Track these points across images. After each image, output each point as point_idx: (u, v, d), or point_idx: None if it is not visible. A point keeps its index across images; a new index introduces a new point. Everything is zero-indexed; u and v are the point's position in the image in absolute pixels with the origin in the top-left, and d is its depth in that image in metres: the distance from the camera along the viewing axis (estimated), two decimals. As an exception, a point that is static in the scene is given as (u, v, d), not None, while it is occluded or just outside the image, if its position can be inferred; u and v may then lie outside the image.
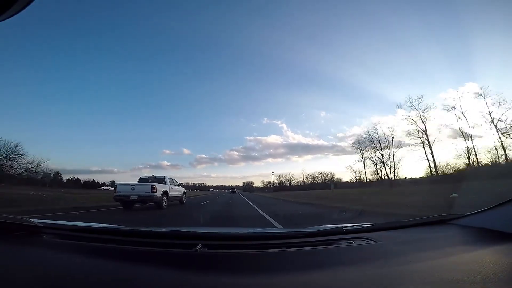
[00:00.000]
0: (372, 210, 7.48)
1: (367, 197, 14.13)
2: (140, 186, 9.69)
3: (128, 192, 9.46)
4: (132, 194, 9.38)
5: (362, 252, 1.03)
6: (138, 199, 9.35)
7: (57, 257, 0.95)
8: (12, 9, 0.66)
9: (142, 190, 9.42)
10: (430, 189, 16.23)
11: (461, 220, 1.34)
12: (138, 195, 9.34)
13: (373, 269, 0.82)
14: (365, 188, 34.44)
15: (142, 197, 9.32)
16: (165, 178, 11.23)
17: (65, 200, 12.79)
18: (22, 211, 7.37)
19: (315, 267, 0.86)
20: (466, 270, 0.77)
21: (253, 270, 0.84)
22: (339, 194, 20.62)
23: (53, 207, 9.32)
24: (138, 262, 0.88)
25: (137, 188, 9.55)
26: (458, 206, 6.29)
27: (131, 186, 9.66)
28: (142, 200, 9.44)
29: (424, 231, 1.33)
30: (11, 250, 1.02)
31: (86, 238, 1.20)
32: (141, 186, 9.72)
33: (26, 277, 0.78)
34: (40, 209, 8.22)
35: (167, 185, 10.87)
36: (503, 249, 0.95)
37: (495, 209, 1.19)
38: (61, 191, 22.85)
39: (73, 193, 20.46)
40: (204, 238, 1.14)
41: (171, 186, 11.21)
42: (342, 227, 1.32)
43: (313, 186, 67.53)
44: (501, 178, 13.92)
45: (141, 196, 9.31)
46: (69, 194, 17.56)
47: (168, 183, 11.06)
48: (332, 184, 43.26)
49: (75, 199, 14.00)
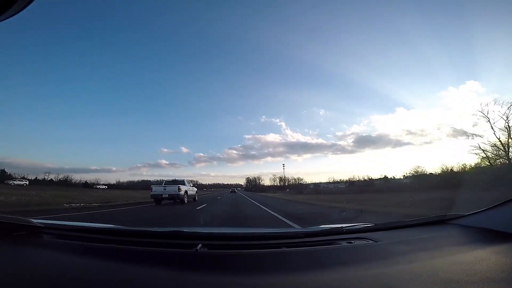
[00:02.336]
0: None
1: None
2: (169, 187, 12.94)
3: (161, 191, 12.80)
4: (164, 193, 12.70)
5: (362, 252, 1.03)
6: (168, 197, 12.63)
7: (57, 257, 0.95)
8: (12, 9, 0.66)
9: (171, 190, 12.70)
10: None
11: (461, 220, 1.34)
12: (168, 193, 12.64)
13: (373, 269, 0.82)
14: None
15: (171, 195, 12.60)
16: (184, 181, 14.38)
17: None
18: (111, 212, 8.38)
19: (315, 267, 0.86)
20: (466, 270, 0.77)
21: (253, 270, 0.84)
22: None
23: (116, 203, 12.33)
24: (138, 262, 0.88)
25: (167, 189, 12.83)
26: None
27: (163, 187, 13.00)
28: (170, 197, 12.64)
29: (424, 231, 1.33)
30: (12, 250, 1.02)
31: (86, 238, 1.20)
32: (170, 186, 12.97)
33: (26, 277, 0.78)
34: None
35: (186, 186, 14.00)
36: (503, 249, 0.95)
37: (495, 209, 1.19)
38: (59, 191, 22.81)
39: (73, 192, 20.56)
40: (204, 238, 1.14)
41: (188, 187, 14.39)
42: (342, 227, 1.32)
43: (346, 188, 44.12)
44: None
45: (170, 194, 12.60)
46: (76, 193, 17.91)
47: (187, 184, 14.26)
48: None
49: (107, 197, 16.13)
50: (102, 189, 46.06)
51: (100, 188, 53.97)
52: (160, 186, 13.32)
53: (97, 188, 50.41)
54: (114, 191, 37.10)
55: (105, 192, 28.08)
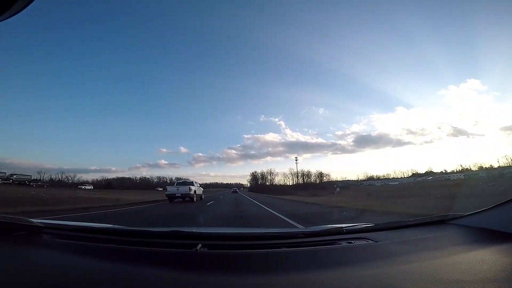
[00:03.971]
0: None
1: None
2: (181, 187, 15.17)
3: (175, 191, 14.94)
4: (177, 192, 14.85)
5: (362, 252, 1.03)
6: (180, 196, 14.80)
7: (57, 257, 0.95)
8: (12, 9, 0.66)
9: (183, 190, 14.89)
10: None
11: (461, 220, 1.34)
12: (181, 193, 14.81)
13: (373, 269, 0.82)
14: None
15: (183, 194, 14.80)
16: (193, 182, 16.88)
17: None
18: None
19: (315, 267, 0.86)
20: (466, 270, 0.77)
21: (253, 270, 0.84)
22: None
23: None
24: (138, 262, 0.88)
25: (180, 189, 15.01)
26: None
27: (176, 187, 15.19)
28: (182, 196, 14.82)
29: (424, 231, 1.33)
30: (12, 250, 1.02)
31: (86, 238, 1.20)
32: (182, 187, 15.20)
33: (27, 277, 0.78)
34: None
35: (195, 186, 16.36)
36: (503, 249, 0.95)
37: (495, 209, 1.19)
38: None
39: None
40: (204, 238, 1.14)
41: (196, 187, 16.71)
42: (342, 227, 1.32)
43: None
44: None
45: (182, 194, 14.79)
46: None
47: (195, 185, 16.61)
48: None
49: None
50: (87, 190, 38.95)
51: (85, 188, 47.88)
52: (174, 186, 15.54)
53: (80, 189, 42.42)
54: (104, 192, 29.68)
55: (89, 193, 22.39)
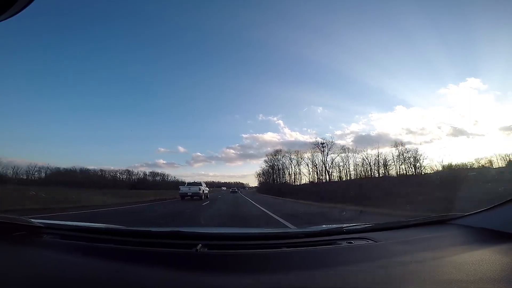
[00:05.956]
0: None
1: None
2: (192, 187, 18.12)
3: (186, 191, 17.96)
4: (188, 192, 17.79)
5: (362, 252, 1.03)
6: (192, 195, 17.60)
7: (57, 257, 0.95)
8: (12, 9, 0.66)
9: (194, 190, 17.83)
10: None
11: (461, 220, 1.34)
12: (192, 192, 17.74)
13: (373, 269, 0.82)
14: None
15: (194, 194, 17.64)
16: (201, 182, 19.59)
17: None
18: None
19: (315, 267, 0.86)
20: (466, 270, 0.77)
21: (253, 270, 0.84)
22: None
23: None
24: (138, 262, 0.88)
25: (191, 189, 17.94)
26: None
27: (188, 188, 18.23)
28: (193, 195, 17.58)
29: (424, 231, 1.33)
30: (12, 250, 1.02)
31: (86, 238, 1.20)
32: (193, 187, 18.13)
33: (27, 277, 0.78)
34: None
35: (203, 186, 19.26)
36: (503, 249, 0.95)
37: (495, 209, 1.19)
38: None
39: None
40: (204, 238, 1.14)
41: (204, 187, 19.60)
42: (342, 227, 1.32)
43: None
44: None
45: (193, 193, 17.65)
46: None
47: (203, 185, 19.32)
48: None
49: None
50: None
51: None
52: (185, 187, 18.61)
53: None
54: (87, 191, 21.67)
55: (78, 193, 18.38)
